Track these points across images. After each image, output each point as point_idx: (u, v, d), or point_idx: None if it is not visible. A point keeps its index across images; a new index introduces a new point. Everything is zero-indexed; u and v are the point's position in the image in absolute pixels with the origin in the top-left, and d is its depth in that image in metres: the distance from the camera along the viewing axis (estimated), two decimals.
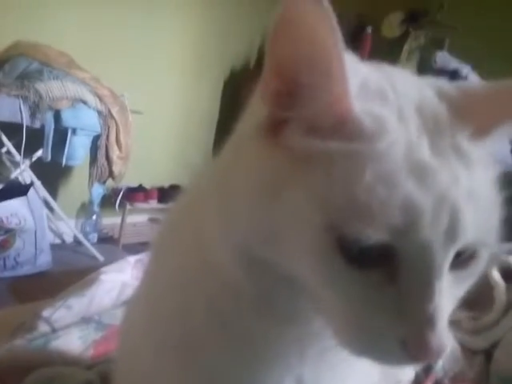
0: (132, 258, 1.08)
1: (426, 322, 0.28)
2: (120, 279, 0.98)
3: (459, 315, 0.94)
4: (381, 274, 0.29)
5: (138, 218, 3.04)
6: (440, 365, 0.78)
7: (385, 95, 0.30)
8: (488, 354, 0.84)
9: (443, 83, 0.34)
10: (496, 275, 0.96)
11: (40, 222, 2.26)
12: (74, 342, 0.77)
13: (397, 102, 0.30)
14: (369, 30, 2.93)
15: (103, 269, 1.00)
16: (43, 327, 0.81)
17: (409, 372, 0.75)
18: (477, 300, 0.96)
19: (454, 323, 0.96)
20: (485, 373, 0.81)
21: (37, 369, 0.70)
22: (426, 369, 0.77)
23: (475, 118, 0.30)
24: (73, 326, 0.81)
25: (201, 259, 0.37)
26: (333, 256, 0.28)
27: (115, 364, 0.52)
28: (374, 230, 0.27)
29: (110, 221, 2.86)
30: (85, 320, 0.84)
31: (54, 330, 0.81)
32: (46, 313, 0.84)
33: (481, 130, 0.30)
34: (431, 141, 0.29)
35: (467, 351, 0.86)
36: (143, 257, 1.11)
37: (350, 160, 0.28)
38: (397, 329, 0.28)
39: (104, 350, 0.77)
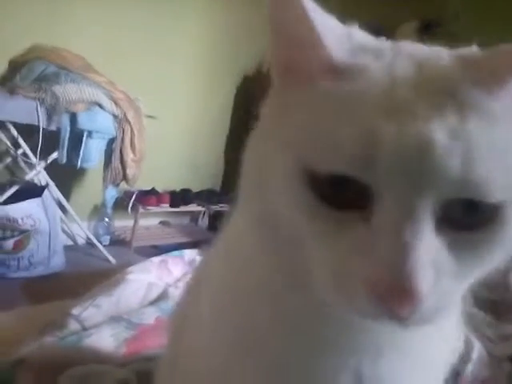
0: (156, 259, 1.09)
1: (392, 262, 0.26)
2: (146, 279, 0.99)
3: (483, 323, 0.94)
4: (356, 214, 0.28)
5: (150, 221, 3.05)
6: (469, 369, 0.78)
7: (381, 52, 0.32)
8: None
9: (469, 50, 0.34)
10: None
11: (54, 223, 2.27)
12: (106, 340, 0.78)
13: (391, 56, 0.31)
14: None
15: (129, 269, 1.01)
16: (73, 325, 0.82)
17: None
18: (500, 307, 0.97)
19: (479, 331, 0.95)
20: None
21: (70, 366, 0.70)
22: (455, 373, 0.77)
23: (497, 71, 0.29)
24: (104, 325, 0.82)
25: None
26: (306, 193, 0.29)
27: (160, 361, 0.52)
28: (334, 162, 0.27)
29: (123, 223, 2.87)
30: (114, 319, 0.85)
31: (84, 328, 0.82)
32: (75, 311, 0.85)
33: (500, 80, 0.28)
34: (420, 86, 0.28)
35: (493, 358, 0.86)
36: (166, 258, 1.13)
37: (323, 98, 0.30)
38: (364, 270, 0.27)
39: (135, 348, 0.78)
